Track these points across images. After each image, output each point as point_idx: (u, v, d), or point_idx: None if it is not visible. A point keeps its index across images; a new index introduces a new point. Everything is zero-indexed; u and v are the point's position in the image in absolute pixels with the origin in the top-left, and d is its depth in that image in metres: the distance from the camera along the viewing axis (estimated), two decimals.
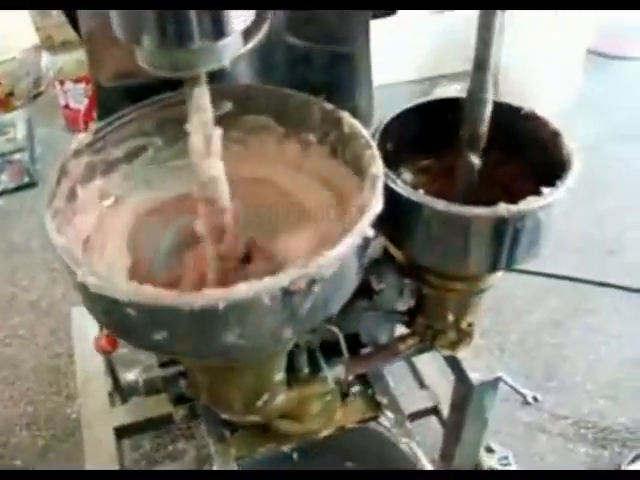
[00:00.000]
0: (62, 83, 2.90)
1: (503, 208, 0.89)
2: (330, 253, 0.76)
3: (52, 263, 2.33)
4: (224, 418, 1.28)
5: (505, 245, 0.93)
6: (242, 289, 0.73)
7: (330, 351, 1.25)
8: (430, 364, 1.84)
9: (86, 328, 1.61)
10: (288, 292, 0.75)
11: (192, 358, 0.86)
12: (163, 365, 1.25)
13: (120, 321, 0.79)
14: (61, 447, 1.85)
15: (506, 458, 1.85)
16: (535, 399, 2.01)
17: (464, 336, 1.18)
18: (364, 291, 1.20)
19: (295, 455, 1.44)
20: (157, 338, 0.78)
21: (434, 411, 1.76)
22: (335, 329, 1.23)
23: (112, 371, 1.59)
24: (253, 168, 1.07)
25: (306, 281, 0.75)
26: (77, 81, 2.86)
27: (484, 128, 1.01)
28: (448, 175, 1.09)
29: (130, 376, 1.32)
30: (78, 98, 2.91)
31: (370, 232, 0.82)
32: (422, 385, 1.82)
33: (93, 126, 1.01)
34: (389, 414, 1.30)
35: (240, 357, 0.87)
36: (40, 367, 2.04)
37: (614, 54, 3.43)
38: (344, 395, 1.32)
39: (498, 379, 1.51)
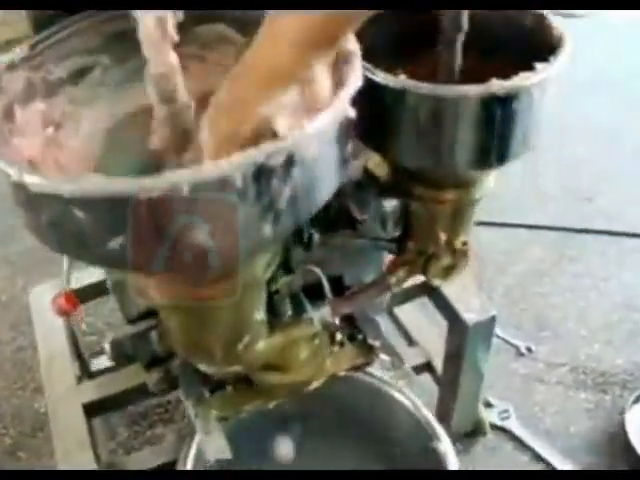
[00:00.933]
0: None
1: (496, 84, 0.80)
2: (309, 126, 0.66)
3: (11, 256, 2.19)
4: (203, 377, 1.17)
5: (497, 131, 0.84)
6: (209, 168, 0.62)
7: (313, 295, 1.15)
8: (418, 319, 1.75)
9: (46, 306, 1.47)
10: (264, 171, 0.64)
11: (157, 272, 0.74)
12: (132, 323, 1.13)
13: (68, 231, 0.67)
14: (31, 443, 1.71)
15: (506, 411, 1.77)
16: (529, 349, 1.93)
17: (459, 258, 1.08)
18: (346, 221, 1.10)
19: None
20: (113, 247, 0.67)
21: (427, 368, 1.66)
22: (317, 269, 1.13)
23: (76, 345, 1.47)
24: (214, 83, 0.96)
25: (284, 157, 0.64)
26: None
27: (463, 24, 0.92)
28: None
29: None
30: None
31: (351, 112, 0.72)
32: (411, 342, 1.71)
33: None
34: (383, 357, 1.19)
35: (215, 268, 0.76)
36: (3, 362, 1.89)
37: (574, 13, 3.39)
38: (333, 341, 1.22)
39: (493, 318, 1.42)
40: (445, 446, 1.24)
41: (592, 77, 2.96)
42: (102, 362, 1.73)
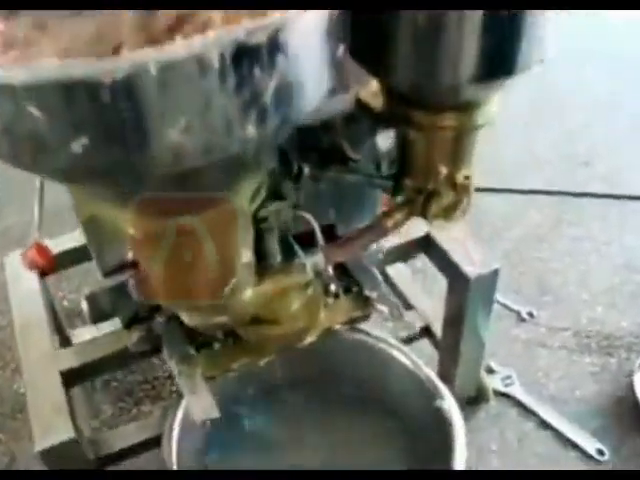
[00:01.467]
0: None
1: None
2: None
3: None
4: (188, 334, 1.08)
5: (505, 34, 0.76)
6: (180, 45, 0.54)
7: (305, 244, 1.07)
8: (414, 286, 1.67)
9: (22, 273, 1.38)
10: (245, 52, 0.56)
11: (127, 182, 0.65)
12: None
13: (25, 135, 0.59)
14: (10, 425, 1.62)
15: (509, 377, 1.70)
16: (530, 314, 1.85)
17: (461, 193, 1.00)
18: (338, 159, 1.02)
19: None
20: (75, 151, 0.58)
21: (426, 332, 1.58)
22: (307, 215, 1.05)
23: (55, 317, 1.38)
24: None
25: (266, 36, 0.56)
26: None
27: None
28: None
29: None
30: None
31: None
32: (408, 307, 1.63)
33: None
34: (382, 308, 1.11)
35: (194, 179, 0.67)
36: None
37: None
38: (327, 292, 1.14)
39: (496, 272, 1.34)
40: (449, 404, 1.17)
41: (584, 50, 2.90)
42: (82, 333, 1.65)
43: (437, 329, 1.55)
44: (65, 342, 1.55)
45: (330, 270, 1.10)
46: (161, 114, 0.56)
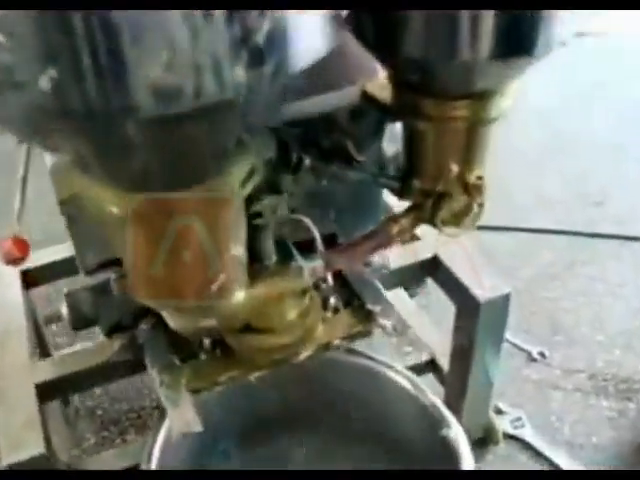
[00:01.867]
0: None
1: None
2: None
3: None
4: (173, 344, 1.00)
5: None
6: None
7: (303, 251, 0.99)
8: (419, 317, 1.58)
9: (4, 282, 1.31)
10: None
11: (104, 134, 0.58)
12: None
13: None
14: None
15: (519, 419, 1.59)
16: (542, 355, 1.75)
17: (473, 195, 0.93)
18: (341, 157, 0.95)
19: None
20: (44, 87, 0.51)
21: (431, 366, 1.49)
22: (306, 220, 0.98)
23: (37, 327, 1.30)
24: None
25: None
26: None
27: None
28: None
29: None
30: None
31: None
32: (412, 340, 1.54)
33: None
34: (384, 322, 1.03)
35: (179, 144, 0.61)
36: None
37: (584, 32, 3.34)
38: (326, 306, 1.05)
39: (507, 297, 1.25)
40: (456, 432, 1.07)
41: (591, 89, 2.88)
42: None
43: (443, 363, 1.46)
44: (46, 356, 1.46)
45: (330, 279, 1.01)
46: (139, 45, 0.50)
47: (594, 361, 1.74)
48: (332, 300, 1.05)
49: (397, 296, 1.66)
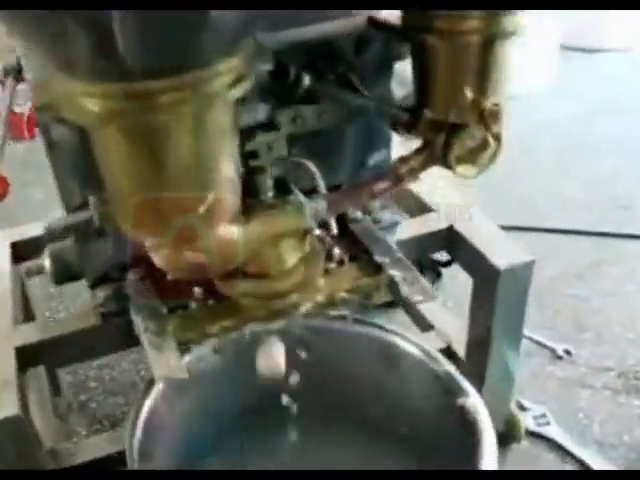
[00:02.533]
0: (2, 84, 2.60)
1: None
2: None
3: None
4: (160, 293, 0.91)
5: None
6: None
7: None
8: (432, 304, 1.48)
9: None
10: None
11: None
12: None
13: None
14: None
15: (544, 416, 1.47)
16: (567, 352, 1.63)
17: (489, 124, 0.84)
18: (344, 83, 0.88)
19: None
20: None
21: (447, 353, 1.38)
22: (307, 162, 0.90)
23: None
24: None
25: None
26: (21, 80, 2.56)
27: None
28: None
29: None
30: (20, 102, 2.59)
31: None
32: (427, 327, 1.43)
33: None
34: (394, 273, 0.93)
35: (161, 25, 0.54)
36: None
37: (589, 47, 3.30)
38: (330, 258, 0.96)
39: (530, 264, 1.16)
40: (474, 401, 0.96)
41: (611, 102, 2.82)
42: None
43: (460, 350, 1.35)
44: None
45: (334, 228, 0.92)
46: None
47: (624, 359, 1.61)
48: (336, 251, 0.96)
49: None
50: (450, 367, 1.01)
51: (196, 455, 1.06)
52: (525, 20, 0.81)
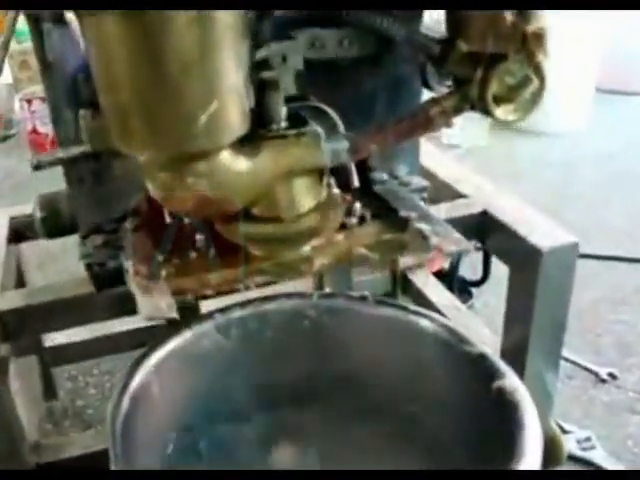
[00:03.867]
0: (29, 102, 2.60)
1: None
2: None
3: None
4: (156, 242, 0.81)
5: None
6: None
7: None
8: (466, 314, 1.37)
9: None
10: None
11: None
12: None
13: None
14: None
15: (588, 440, 1.31)
16: (612, 376, 1.48)
17: (533, 50, 0.74)
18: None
19: None
20: None
21: None
22: (325, 106, 0.81)
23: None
24: None
25: None
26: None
27: None
28: None
29: None
30: (45, 120, 2.57)
31: None
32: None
33: None
34: (422, 226, 0.82)
35: None
36: None
37: (623, 90, 3.24)
38: (350, 213, 0.85)
39: (575, 247, 1.04)
40: (512, 382, 0.82)
41: None
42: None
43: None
44: None
45: (356, 180, 0.82)
46: None
47: None
48: (357, 206, 0.85)
49: (442, 293, 1.46)
50: (484, 349, 0.88)
51: (185, 440, 0.93)
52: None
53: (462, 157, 2.33)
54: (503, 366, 0.85)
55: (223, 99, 0.66)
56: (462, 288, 1.71)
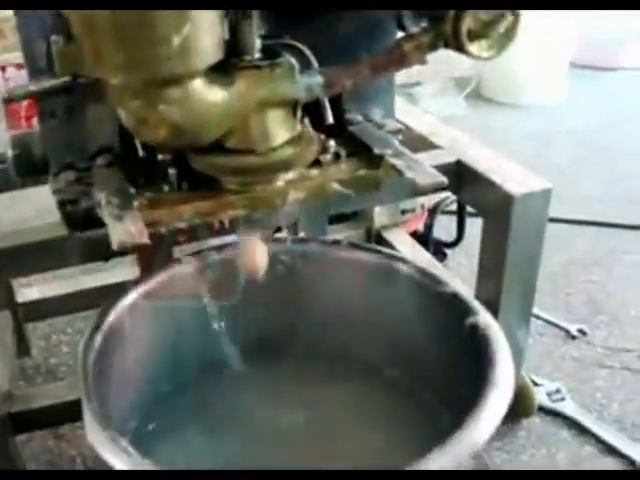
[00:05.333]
0: (3, 69, 2.54)
1: None
2: None
3: None
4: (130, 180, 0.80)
5: None
6: None
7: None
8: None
9: None
10: None
11: None
12: None
13: None
14: None
15: (558, 391, 1.33)
16: (582, 332, 1.51)
17: None
18: None
19: None
20: None
21: None
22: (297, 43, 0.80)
23: None
24: None
25: None
26: (22, 67, 2.50)
27: None
28: None
29: None
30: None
31: None
32: None
33: None
34: (396, 162, 0.82)
35: None
36: None
37: (599, 66, 3.26)
38: (325, 151, 0.85)
39: (548, 192, 1.05)
40: (486, 319, 0.83)
41: (628, 114, 2.76)
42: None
43: None
44: None
45: (329, 113, 0.82)
46: None
47: None
48: (332, 143, 0.85)
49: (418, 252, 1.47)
50: (457, 288, 0.89)
51: (158, 385, 0.93)
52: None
53: None
54: (476, 304, 0.86)
55: (197, 22, 0.65)
56: (437, 249, 1.72)
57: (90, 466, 1.22)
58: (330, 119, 0.84)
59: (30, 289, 1.38)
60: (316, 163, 0.83)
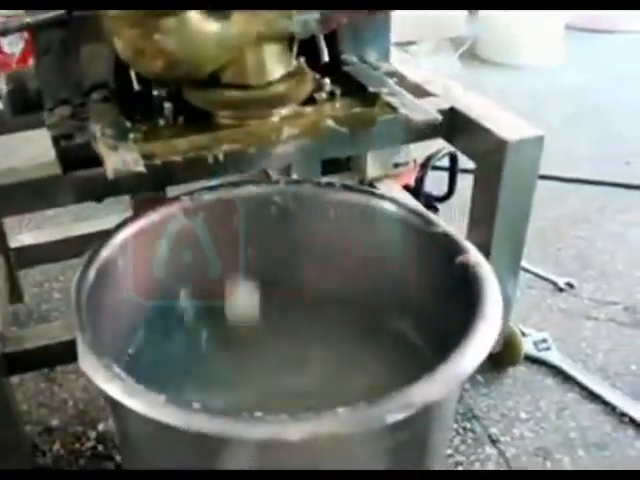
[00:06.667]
0: None
1: None
2: None
3: None
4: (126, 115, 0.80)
5: None
6: None
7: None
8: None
9: None
10: None
11: None
12: None
13: None
14: None
15: (544, 341, 1.35)
16: (570, 285, 1.53)
17: None
18: None
19: None
20: None
21: None
22: None
23: None
24: None
25: None
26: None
27: None
28: None
29: None
30: (13, 40, 2.47)
31: None
32: None
33: None
34: (391, 100, 0.82)
35: None
36: None
37: (597, 28, 3.25)
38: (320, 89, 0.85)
39: (540, 139, 1.05)
40: (476, 257, 0.84)
41: (621, 75, 2.76)
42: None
43: None
44: None
45: (324, 51, 0.82)
46: None
47: (631, 295, 1.51)
48: (327, 82, 0.85)
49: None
50: (448, 228, 0.90)
51: (151, 320, 0.94)
52: None
53: None
54: (466, 243, 0.87)
55: None
56: (428, 203, 1.72)
57: (81, 409, 1.23)
58: (326, 57, 0.84)
59: (23, 235, 1.38)
60: (311, 101, 0.84)
